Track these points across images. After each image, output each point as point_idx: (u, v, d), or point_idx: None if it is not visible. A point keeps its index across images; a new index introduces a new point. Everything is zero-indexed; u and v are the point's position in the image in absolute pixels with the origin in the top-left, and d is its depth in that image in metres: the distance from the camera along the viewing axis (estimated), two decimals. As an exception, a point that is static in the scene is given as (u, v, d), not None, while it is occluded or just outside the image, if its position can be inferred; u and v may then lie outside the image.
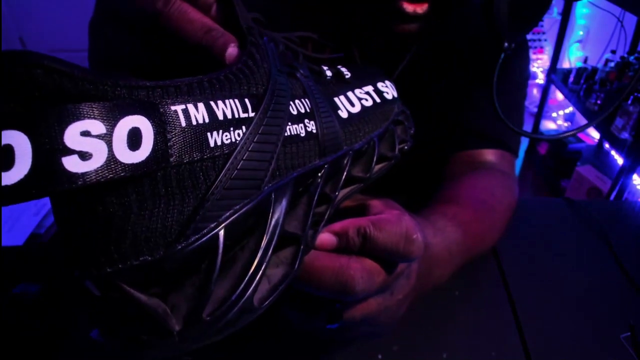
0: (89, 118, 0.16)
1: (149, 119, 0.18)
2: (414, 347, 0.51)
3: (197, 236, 0.20)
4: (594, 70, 2.07)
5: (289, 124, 0.26)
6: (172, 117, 0.19)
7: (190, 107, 0.20)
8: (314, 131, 0.28)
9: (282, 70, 0.29)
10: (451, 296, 0.58)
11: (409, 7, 0.52)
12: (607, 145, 2.25)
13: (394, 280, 0.32)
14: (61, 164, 0.15)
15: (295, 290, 0.30)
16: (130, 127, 0.17)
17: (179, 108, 0.20)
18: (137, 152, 0.18)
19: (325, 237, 0.29)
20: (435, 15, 0.54)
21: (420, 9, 0.53)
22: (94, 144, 0.16)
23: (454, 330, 0.53)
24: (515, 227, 0.70)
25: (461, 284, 0.59)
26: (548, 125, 2.84)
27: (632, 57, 1.93)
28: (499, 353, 0.50)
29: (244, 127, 0.23)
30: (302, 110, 0.28)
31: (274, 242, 0.24)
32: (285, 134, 0.26)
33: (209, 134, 0.21)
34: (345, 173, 0.32)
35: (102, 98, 0.17)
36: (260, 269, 0.23)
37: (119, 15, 0.29)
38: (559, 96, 2.79)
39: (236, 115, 0.23)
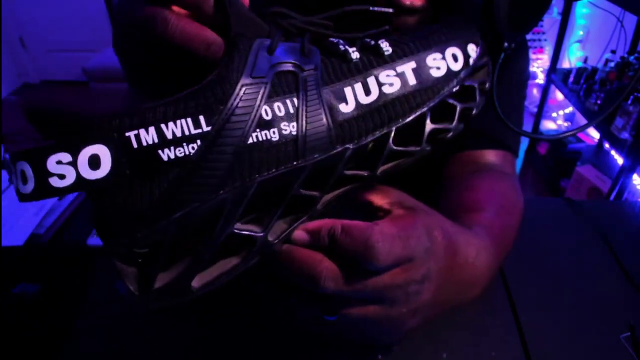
0: (57, 152, 0.24)
1: (106, 145, 0.25)
2: (414, 347, 0.51)
3: (148, 230, 0.27)
4: (594, 70, 2.07)
5: (257, 130, 0.28)
6: (125, 141, 0.25)
7: (142, 131, 0.26)
8: (293, 133, 0.29)
9: (266, 71, 0.29)
10: (451, 296, 0.58)
11: (406, 0, 0.53)
12: (607, 145, 2.25)
13: (382, 290, 0.31)
14: (48, 182, 0.24)
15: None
16: (89, 154, 0.25)
17: (131, 134, 0.25)
18: (97, 171, 0.25)
19: (299, 234, 0.31)
20: (434, 8, 0.54)
21: (419, 1, 0.53)
22: (65, 169, 0.24)
23: (454, 330, 0.53)
24: (515, 227, 0.70)
25: (461, 284, 0.59)
26: (548, 125, 2.84)
27: (632, 57, 1.93)
28: (499, 353, 0.50)
29: (199, 141, 0.27)
30: (281, 113, 0.29)
31: (219, 240, 0.29)
32: (250, 142, 0.28)
33: (160, 151, 0.26)
34: (336, 174, 0.32)
35: (82, 131, 0.25)
36: (199, 262, 0.29)
37: (132, 38, 0.31)
38: (559, 96, 2.78)
39: (187, 133, 0.26)
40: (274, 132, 0.28)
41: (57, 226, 0.71)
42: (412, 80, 0.33)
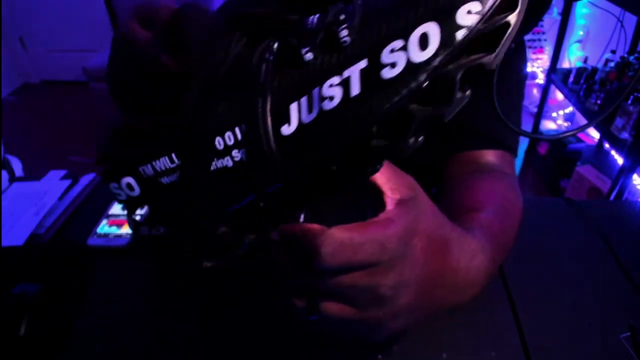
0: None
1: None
2: (414, 347, 0.51)
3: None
4: (594, 70, 2.07)
5: (215, 159, 0.29)
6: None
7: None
8: (244, 159, 0.28)
9: (214, 101, 0.29)
10: (451, 296, 0.58)
11: None
12: (607, 145, 2.25)
13: (343, 289, 0.32)
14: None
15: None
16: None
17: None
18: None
19: (274, 234, 0.33)
20: None
21: None
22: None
23: (454, 330, 0.53)
24: (515, 227, 0.70)
25: (461, 284, 0.59)
26: (548, 125, 2.84)
27: (632, 57, 1.93)
28: (499, 353, 0.50)
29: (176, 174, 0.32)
30: (230, 142, 0.28)
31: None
32: (212, 169, 0.29)
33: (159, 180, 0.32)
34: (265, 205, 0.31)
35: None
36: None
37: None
38: (559, 96, 2.78)
39: (164, 168, 0.32)
40: (227, 160, 0.29)
41: (57, 226, 0.71)
42: (355, 89, 0.24)
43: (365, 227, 0.30)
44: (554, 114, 2.86)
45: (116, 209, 0.73)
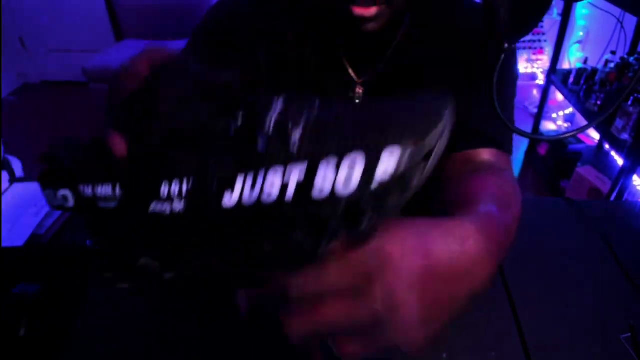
0: None
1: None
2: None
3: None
4: (594, 71, 2.07)
5: (155, 202, 0.31)
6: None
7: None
8: (181, 212, 0.30)
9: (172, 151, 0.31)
10: (451, 296, 0.58)
11: (357, 11, 0.56)
12: (607, 146, 2.25)
13: (349, 322, 0.33)
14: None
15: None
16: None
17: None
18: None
19: None
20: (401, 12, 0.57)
21: (368, 12, 0.56)
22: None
23: (454, 330, 0.53)
24: (515, 228, 0.70)
25: (461, 284, 0.59)
26: (548, 126, 2.84)
27: (632, 58, 1.93)
28: (499, 353, 0.50)
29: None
30: (175, 192, 0.31)
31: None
32: (150, 210, 0.31)
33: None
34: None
35: None
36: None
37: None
38: (559, 97, 2.79)
39: (104, 194, 0.33)
40: (167, 206, 0.31)
41: (57, 227, 0.71)
42: (289, 196, 0.28)
43: (324, 265, 0.31)
44: (554, 115, 2.86)
45: (116, 209, 0.73)
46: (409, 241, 0.34)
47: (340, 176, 0.27)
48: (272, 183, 0.28)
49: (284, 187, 0.28)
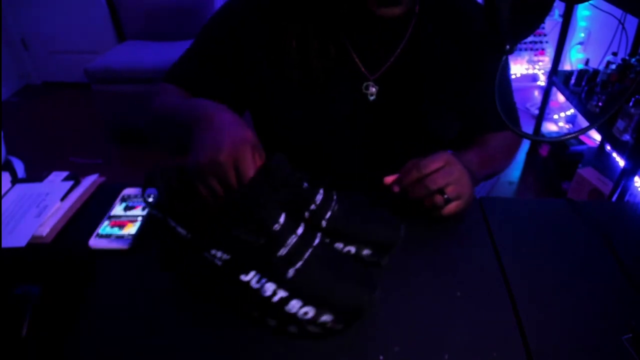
0: None
1: None
2: (415, 347, 0.51)
3: None
4: (596, 72, 2.07)
5: (206, 252, 0.51)
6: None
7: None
8: (217, 266, 0.51)
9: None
10: (452, 297, 0.58)
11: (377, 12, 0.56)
12: (608, 148, 2.24)
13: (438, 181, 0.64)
14: None
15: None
16: None
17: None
18: None
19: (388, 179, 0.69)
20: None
21: (398, 10, 0.56)
22: None
23: (456, 331, 0.53)
24: (516, 228, 0.70)
25: (463, 284, 0.59)
26: (549, 127, 2.84)
27: (633, 59, 1.93)
28: (501, 354, 0.50)
29: None
30: (218, 255, 0.51)
31: None
32: (202, 254, 0.51)
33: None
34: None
35: None
36: None
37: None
38: (561, 98, 2.79)
39: (179, 232, 0.53)
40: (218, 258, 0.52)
41: (59, 227, 0.71)
42: (274, 300, 0.50)
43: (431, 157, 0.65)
44: (556, 116, 2.86)
45: (118, 210, 0.73)
46: (451, 156, 0.66)
47: (300, 312, 0.50)
48: (269, 288, 0.50)
49: (274, 293, 0.50)
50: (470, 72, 0.75)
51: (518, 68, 3.00)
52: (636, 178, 1.70)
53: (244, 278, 0.50)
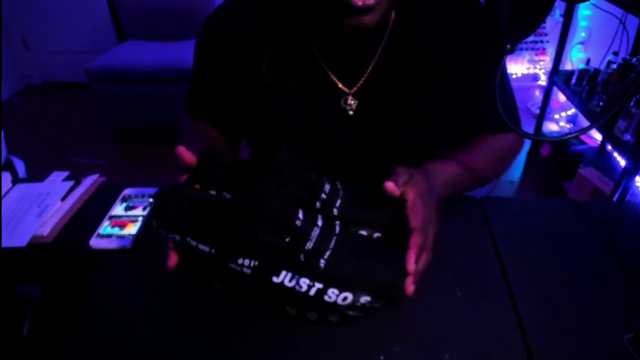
0: None
1: None
2: (416, 348, 0.51)
3: None
4: (596, 72, 2.06)
5: (232, 263, 0.50)
6: None
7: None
8: (247, 275, 0.50)
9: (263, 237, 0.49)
10: (453, 297, 0.58)
11: (357, 0, 0.54)
12: (609, 147, 2.24)
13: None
14: None
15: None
16: None
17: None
18: None
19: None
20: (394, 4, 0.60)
21: (368, 0, 0.54)
22: None
23: (456, 331, 0.53)
24: (517, 228, 0.70)
25: (463, 284, 0.59)
26: (550, 127, 2.84)
27: (634, 59, 1.92)
28: (501, 354, 0.50)
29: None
30: (246, 263, 0.50)
31: None
32: (229, 266, 0.50)
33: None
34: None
35: None
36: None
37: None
38: (561, 98, 2.78)
39: (194, 244, 0.51)
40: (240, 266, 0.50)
41: (60, 227, 0.71)
42: (311, 293, 0.50)
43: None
44: (556, 116, 2.86)
45: (118, 210, 0.73)
46: (423, 189, 0.59)
47: (339, 298, 0.50)
48: (304, 283, 0.49)
49: (310, 287, 0.49)
50: (467, 73, 0.74)
51: (519, 68, 3.00)
52: (637, 178, 1.70)
53: (276, 280, 0.49)
